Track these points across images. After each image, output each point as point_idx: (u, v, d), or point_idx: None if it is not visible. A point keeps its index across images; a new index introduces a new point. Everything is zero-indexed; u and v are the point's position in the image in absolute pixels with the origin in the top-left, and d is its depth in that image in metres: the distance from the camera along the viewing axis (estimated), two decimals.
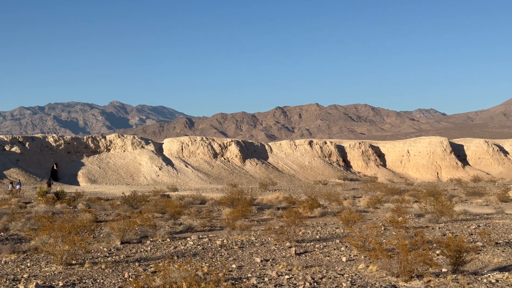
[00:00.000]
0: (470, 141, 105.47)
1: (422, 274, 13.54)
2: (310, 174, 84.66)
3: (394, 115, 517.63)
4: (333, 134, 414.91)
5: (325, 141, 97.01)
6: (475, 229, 23.85)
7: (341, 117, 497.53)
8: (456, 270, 14.37)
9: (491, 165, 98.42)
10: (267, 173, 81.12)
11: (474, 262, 16.04)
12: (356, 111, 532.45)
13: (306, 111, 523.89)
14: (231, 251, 18.17)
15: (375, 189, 54.28)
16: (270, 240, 20.43)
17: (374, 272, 14.24)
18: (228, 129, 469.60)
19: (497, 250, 18.49)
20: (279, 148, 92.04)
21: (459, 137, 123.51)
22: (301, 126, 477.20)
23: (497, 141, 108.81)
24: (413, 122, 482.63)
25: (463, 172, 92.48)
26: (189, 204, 37.22)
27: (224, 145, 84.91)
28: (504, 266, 15.61)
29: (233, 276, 14.14)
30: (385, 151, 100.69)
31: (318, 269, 14.85)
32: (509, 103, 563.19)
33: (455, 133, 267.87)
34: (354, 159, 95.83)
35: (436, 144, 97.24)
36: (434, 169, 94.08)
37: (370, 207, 36.02)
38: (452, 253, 14.43)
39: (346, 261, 16.53)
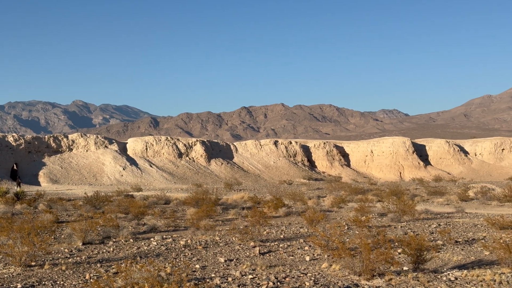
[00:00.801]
0: (431, 141, 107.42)
1: (383, 272, 13.69)
2: (275, 174, 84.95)
3: (358, 116, 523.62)
4: (298, 134, 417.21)
5: (290, 141, 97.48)
6: (436, 228, 24.29)
7: (306, 118, 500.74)
8: (417, 268, 14.59)
9: (452, 164, 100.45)
10: (232, 172, 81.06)
11: (435, 260, 16.31)
12: (321, 111, 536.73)
13: (271, 111, 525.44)
14: (195, 251, 18.07)
15: (339, 188, 54.82)
16: (235, 239, 20.40)
17: (337, 271, 14.35)
18: (194, 129, 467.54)
19: (457, 248, 18.86)
20: (244, 147, 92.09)
21: (421, 137, 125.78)
22: (267, 126, 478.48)
23: (457, 142, 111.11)
24: (376, 123, 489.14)
25: (425, 171, 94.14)
26: (153, 204, 36.90)
27: (189, 145, 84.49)
28: (463, 264, 15.93)
29: (197, 276, 14.06)
30: (349, 151, 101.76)
31: (281, 269, 14.88)
32: (469, 105, 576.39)
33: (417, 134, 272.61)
34: (319, 159, 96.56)
35: (399, 144, 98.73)
36: (397, 169, 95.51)
37: (334, 206, 36.34)
38: (413, 251, 14.65)
39: (310, 260, 16.62)
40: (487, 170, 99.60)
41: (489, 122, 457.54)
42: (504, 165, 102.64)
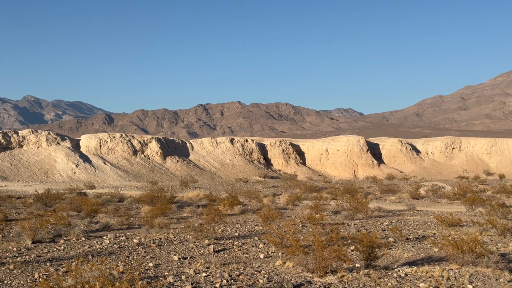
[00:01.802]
0: (385, 140, 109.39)
1: (336, 269, 13.86)
2: (231, 172, 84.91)
3: (314, 114, 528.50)
4: (255, 132, 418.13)
5: (246, 139, 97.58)
6: (387, 225, 24.75)
7: (263, 116, 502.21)
8: (369, 265, 14.83)
9: (404, 163, 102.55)
10: (188, 170, 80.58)
11: (386, 257, 16.61)
12: (278, 109, 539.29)
13: (228, 109, 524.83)
14: (148, 250, 17.88)
15: (295, 186, 55.24)
16: (189, 237, 20.28)
17: (291, 268, 14.44)
18: (149, 126, 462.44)
19: (407, 245, 19.27)
20: (200, 145, 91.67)
21: (375, 136, 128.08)
22: (223, 124, 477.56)
23: (410, 141, 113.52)
24: (332, 122, 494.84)
25: (379, 170, 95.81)
26: (106, 202, 36.32)
27: (144, 142, 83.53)
28: (413, 261, 16.27)
29: (150, 274, 13.91)
30: (305, 149, 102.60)
31: (235, 266, 14.89)
32: (422, 104, 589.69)
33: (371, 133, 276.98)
34: (275, 157, 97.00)
35: (353, 143, 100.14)
36: (351, 167, 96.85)
37: (289, 204, 36.57)
38: (365, 248, 14.88)
39: (264, 257, 16.67)
40: (438, 168, 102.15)
41: (440, 122, 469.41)
42: (454, 164, 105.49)
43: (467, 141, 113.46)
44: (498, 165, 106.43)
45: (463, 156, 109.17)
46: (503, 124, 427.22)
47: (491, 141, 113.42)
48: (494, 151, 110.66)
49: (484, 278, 13.79)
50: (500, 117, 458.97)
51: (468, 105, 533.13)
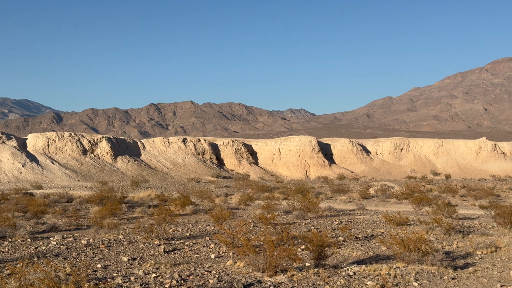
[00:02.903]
0: (336, 140, 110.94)
1: (286, 268, 13.96)
2: (184, 172, 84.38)
3: (266, 115, 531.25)
4: (208, 132, 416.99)
5: (199, 139, 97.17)
6: (338, 225, 25.08)
7: (216, 115, 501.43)
8: (318, 264, 14.99)
9: (355, 163, 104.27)
10: (139, 170, 79.61)
11: (335, 256, 16.83)
12: (230, 109, 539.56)
13: (180, 108, 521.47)
14: (97, 251, 17.55)
15: (247, 186, 55.32)
16: (139, 238, 20.03)
17: (241, 268, 14.46)
18: (100, 125, 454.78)
19: (357, 244, 19.59)
20: (152, 145, 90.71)
21: (327, 137, 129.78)
22: (176, 124, 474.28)
23: (360, 141, 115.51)
24: (284, 122, 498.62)
25: (330, 170, 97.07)
26: (54, 202, 35.42)
27: (94, 141, 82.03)
28: (362, 259, 16.55)
29: (98, 276, 13.66)
30: (258, 149, 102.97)
31: (186, 267, 14.79)
32: (372, 106, 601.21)
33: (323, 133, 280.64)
34: (228, 157, 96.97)
35: (305, 143, 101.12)
36: (303, 167, 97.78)
37: (241, 204, 36.58)
38: (315, 247, 15.04)
39: (215, 258, 16.62)
40: (387, 168, 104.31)
41: (390, 123, 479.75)
42: (402, 164, 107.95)
43: (415, 142, 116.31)
44: (444, 165, 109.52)
45: (411, 156, 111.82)
46: (450, 125, 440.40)
47: (438, 142, 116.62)
48: (440, 152, 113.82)
49: (429, 276, 14.16)
50: (447, 118, 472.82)
51: (416, 107, 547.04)
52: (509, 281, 13.66)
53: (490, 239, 19.62)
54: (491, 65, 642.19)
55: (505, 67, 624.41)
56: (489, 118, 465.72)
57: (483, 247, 18.16)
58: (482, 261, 16.36)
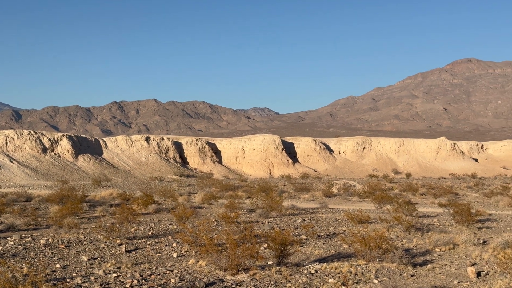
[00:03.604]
0: (300, 139, 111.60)
1: (248, 267, 13.98)
2: (147, 170, 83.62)
3: (231, 113, 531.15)
4: (171, 130, 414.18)
5: (162, 138, 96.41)
6: (300, 223, 25.24)
7: (179, 114, 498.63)
8: (281, 262, 15.06)
9: (318, 162, 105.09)
10: (101, 169, 78.52)
11: (298, 254, 16.93)
12: (194, 108, 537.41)
13: (144, 106, 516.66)
14: (56, 250, 17.23)
15: (211, 185, 55.19)
16: (100, 237, 19.75)
17: (203, 267, 14.41)
18: (60, 123, 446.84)
19: (319, 242, 19.75)
20: (114, 143, 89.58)
21: (290, 135, 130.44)
22: (139, 122, 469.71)
23: (324, 140, 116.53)
24: (248, 120, 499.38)
25: (293, 168, 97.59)
26: (12, 201, 34.60)
27: (54, 140, 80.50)
28: (323, 257, 16.70)
29: (56, 276, 13.41)
30: (221, 148, 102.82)
31: (147, 266, 14.67)
32: (335, 105, 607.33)
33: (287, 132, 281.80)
34: (191, 155, 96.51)
35: (269, 142, 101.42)
36: (267, 166, 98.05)
37: (205, 203, 36.46)
38: (277, 246, 15.10)
39: (177, 257, 16.53)
40: (349, 167, 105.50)
41: (352, 122, 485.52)
42: (364, 163, 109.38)
43: (377, 141, 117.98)
44: (405, 164, 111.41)
45: (373, 155, 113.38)
46: (411, 125, 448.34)
47: (399, 141, 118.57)
48: (401, 151, 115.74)
49: (389, 273, 14.39)
50: (408, 118, 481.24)
51: (379, 106, 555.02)
52: (466, 278, 13.98)
53: (448, 237, 20.05)
54: (451, 66, 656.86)
55: (464, 68, 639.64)
56: (448, 118, 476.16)
57: (442, 244, 18.55)
58: (440, 258, 16.71)
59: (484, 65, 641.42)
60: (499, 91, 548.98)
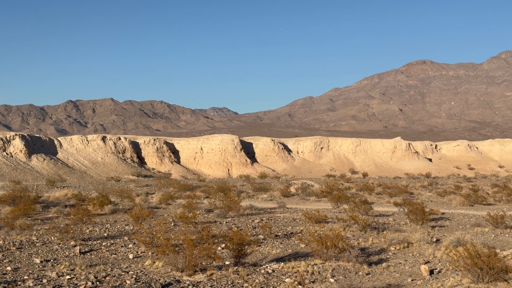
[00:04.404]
0: (258, 139, 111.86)
1: (206, 267, 13.90)
2: (103, 170, 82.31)
3: (189, 113, 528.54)
4: (129, 130, 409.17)
5: (119, 137, 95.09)
6: (258, 223, 25.26)
7: (137, 113, 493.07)
8: (238, 262, 15.03)
9: (276, 162, 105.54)
10: (56, 169, 76.88)
11: (255, 254, 16.94)
12: (152, 107, 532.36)
13: (100, 106, 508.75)
14: (7, 253, 16.74)
15: (168, 185, 54.72)
16: (54, 239, 19.31)
17: (160, 268, 14.25)
18: (13, 122, 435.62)
19: (276, 242, 19.80)
20: (69, 143, 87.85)
21: (249, 135, 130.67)
22: (95, 122, 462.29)
23: (282, 140, 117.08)
24: (207, 120, 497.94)
25: (252, 168, 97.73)
26: None
27: (6, 139, 78.38)
28: (281, 257, 16.75)
29: (7, 279, 13.03)
30: (180, 148, 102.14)
31: (102, 268, 14.40)
32: (293, 105, 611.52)
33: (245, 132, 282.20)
34: (149, 155, 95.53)
35: (227, 142, 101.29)
36: (225, 166, 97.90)
37: (163, 203, 36.12)
38: (235, 246, 15.06)
39: (133, 258, 16.30)
40: (307, 167, 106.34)
41: (311, 122, 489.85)
42: (322, 163, 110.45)
43: (335, 141, 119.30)
44: (362, 164, 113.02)
45: (331, 155, 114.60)
46: (367, 125, 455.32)
47: (356, 141, 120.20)
48: (358, 151, 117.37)
49: (345, 272, 14.54)
50: (365, 118, 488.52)
51: (336, 107, 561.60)
52: (419, 276, 14.26)
53: (403, 235, 20.41)
54: (406, 67, 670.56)
55: (419, 69, 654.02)
56: (403, 119, 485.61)
57: (396, 243, 18.87)
58: (395, 257, 16.99)
59: (438, 67, 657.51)
60: (452, 93, 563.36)
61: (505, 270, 12.37)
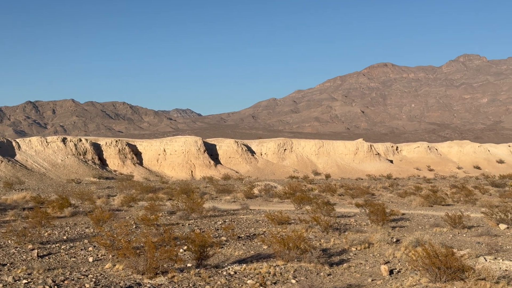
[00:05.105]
0: (222, 141, 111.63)
1: (167, 270, 13.78)
2: (63, 172, 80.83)
3: (152, 114, 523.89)
4: (90, 131, 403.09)
5: (80, 139, 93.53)
6: (221, 225, 25.20)
7: (99, 115, 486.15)
8: (200, 264, 14.96)
9: (240, 163, 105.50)
10: (13, 171, 75.09)
11: (218, 256, 16.89)
12: (114, 108, 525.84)
13: (60, 107, 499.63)
14: None
15: (130, 187, 54.08)
16: (11, 242, 18.85)
17: (120, 271, 14.08)
18: None
19: (239, 243, 19.79)
20: (28, 144, 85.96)
21: (212, 137, 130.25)
22: (55, 123, 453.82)
23: (245, 142, 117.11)
24: (170, 122, 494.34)
25: (215, 170, 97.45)
26: None
27: None
28: (243, 259, 16.75)
29: None
30: (142, 149, 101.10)
31: (61, 271, 14.13)
32: (257, 107, 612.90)
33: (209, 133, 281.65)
34: (111, 157, 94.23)
35: (191, 143, 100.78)
36: (188, 167, 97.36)
37: (124, 205, 35.71)
38: (197, 248, 15.00)
39: (93, 261, 16.06)
40: (271, 168, 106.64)
41: (274, 124, 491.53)
42: (286, 164, 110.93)
43: (298, 143, 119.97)
44: (324, 165, 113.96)
45: (294, 157, 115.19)
46: (330, 127, 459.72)
47: (319, 143, 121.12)
48: (321, 152, 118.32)
49: (307, 273, 14.62)
50: (328, 120, 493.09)
51: (299, 109, 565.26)
52: (379, 276, 14.45)
53: (364, 236, 20.66)
54: (368, 69, 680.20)
55: (380, 72, 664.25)
56: (365, 121, 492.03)
57: (358, 243, 19.09)
58: (356, 257, 17.18)
59: (399, 70, 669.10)
60: (413, 95, 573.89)
61: (462, 269, 12.64)
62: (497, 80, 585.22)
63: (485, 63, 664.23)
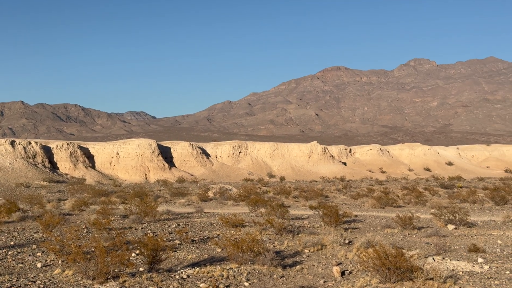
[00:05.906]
0: (176, 143, 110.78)
1: (118, 275, 13.55)
2: (12, 176, 78.55)
3: (105, 117, 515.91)
4: (40, 134, 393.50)
5: (29, 142, 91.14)
6: (175, 228, 24.98)
7: (49, 117, 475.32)
8: (152, 268, 14.77)
9: (194, 166, 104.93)
10: None
11: (171, 260, 16.73)
12: (66, 111, 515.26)
13: (9, 109, 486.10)
14: None
15: (82, 191, 53.07)
16: None
17: (70, 277, 13.75)
18: None
19: (192, 247, 19.65)
20: None
21: (167, 140, 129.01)
22: (3, 125, 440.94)
23: (200, 145, 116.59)
24: (124, 124, 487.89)
25: (170, 173, 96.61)
26: None
27: None
28: (196, 262, 16.64)
29: None
30: (95, 152, 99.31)
31: (7, 278, 13.70)
32: (212, 109, 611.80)
33: (164, 136, 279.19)
34: (62, 160, 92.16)
35: (145, 146, 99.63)
36: (142, 170, 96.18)
37: (76, 209, 34.98)
38: (149, 252, 14.80)
39: (42, 267, 15.65)
40: (226, 171, 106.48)
41: (229, 127, 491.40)
42: (240, 167, 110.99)
43: (253, 146, 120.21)
44: (279, 168, 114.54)
45: (249, 159, 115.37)
46: (285, 129, 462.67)
47: (273, 145, 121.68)
48: (276, 155, 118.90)
49: (260, 275, 14.64)
50: (282, 123, 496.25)
51: (254, 111, 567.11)
52: (331, 277, 14.59)
53: (317, 238, 20.83)
54: (322, 73, 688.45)
55: (334, 75, 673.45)
56: (320, 123, 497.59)
57: (311, 245, 19.22)
58: (309, 259, 17.31)
59: (352, 73, 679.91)
60: (366, 98, 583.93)
61: (411, 269, 12.90)
62: (446, 84, 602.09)
63: (435, 67, 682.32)
